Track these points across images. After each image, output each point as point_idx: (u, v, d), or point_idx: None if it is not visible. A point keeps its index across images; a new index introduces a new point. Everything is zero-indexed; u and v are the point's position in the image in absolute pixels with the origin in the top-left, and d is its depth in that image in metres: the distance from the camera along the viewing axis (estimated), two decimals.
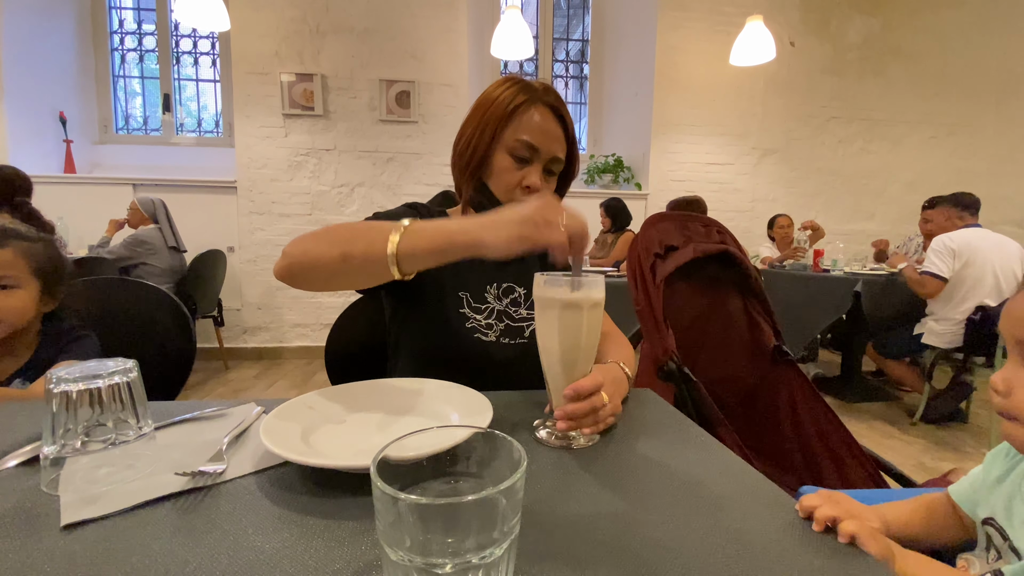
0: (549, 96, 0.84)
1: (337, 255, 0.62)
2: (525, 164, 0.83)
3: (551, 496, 0.47)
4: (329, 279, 0.65)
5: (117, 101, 3.88)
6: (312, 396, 0.64)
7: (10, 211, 2.26)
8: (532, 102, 0.82)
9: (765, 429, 1.27)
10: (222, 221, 3.62)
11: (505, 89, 0.83)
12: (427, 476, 0.34)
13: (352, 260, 0.61)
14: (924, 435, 2.46)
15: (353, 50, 3.58)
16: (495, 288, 0.88)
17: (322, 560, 0.37)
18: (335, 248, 0.62)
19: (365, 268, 0.62)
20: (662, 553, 0.39)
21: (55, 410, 0.46)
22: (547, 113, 0.83)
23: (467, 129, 0.86)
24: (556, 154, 0.84)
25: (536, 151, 0.82)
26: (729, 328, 1.35)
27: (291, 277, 0.66)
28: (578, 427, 0.59)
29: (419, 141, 3.71)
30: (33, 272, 0.93)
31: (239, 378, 3.26)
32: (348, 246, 0.62)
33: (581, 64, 4.42)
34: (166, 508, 0.44)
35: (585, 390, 0.58)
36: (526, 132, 0.82)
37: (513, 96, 0.82)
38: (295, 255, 0.65)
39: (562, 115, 0.85)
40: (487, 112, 0.83)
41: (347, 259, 0.61)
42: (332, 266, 0.63)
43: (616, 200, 3.47)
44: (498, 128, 0.82)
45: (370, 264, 0.60)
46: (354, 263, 0.61)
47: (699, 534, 0.42)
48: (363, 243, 0.61)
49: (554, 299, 0.59)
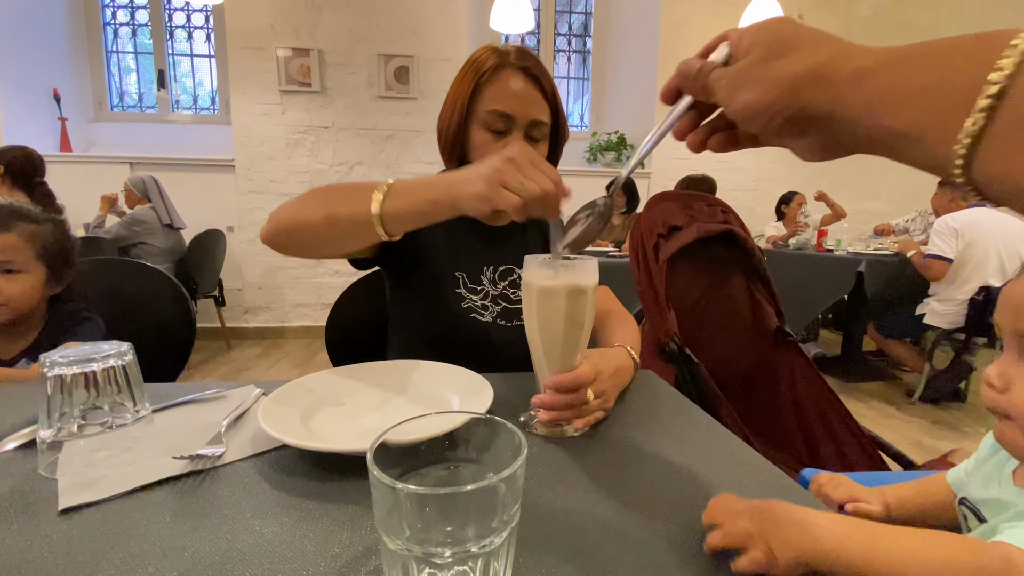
0: (519, 58, 0.79)
1: (322, 217, 0.61)
2: (503, 135, 0.79)
3: (550, 482, 0.47)
4: (315, 241, 0.64)
5: (111, 78, 3.81)
6: (311, 379, 0.63)
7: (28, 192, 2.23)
8: (500, 68, 0.78)
9: (766, 410, 1.27)
10: (220, 200, 3.58)
11: (474, 60, 0.80)
12: (426, 462, 0.33)
13: (337, 221, 0.60)
14: (923, 414, 2.48)
15: (350, 24, 3.49)
16: (491, 271, 0.87)
17: (321, 544, 0.37)
18: (320, 210, 0.61)
19: (350, 229, 0.60)
20: (663, 538, 0.39)
21: (50, 393, 0.45)
22: (518, 76, 0.78)
23: (443, 109, 0.83)
24: (535, 117, 0.79)
25: (511, 119, 0.78)
26: (731, 309, 1.34)
27: (277, 241, 0.65)
28: (559, 419, 0.56)
29: (418, 118, 3.65)
30: (39, 256, 0.91)
31: (241, 358, 3.28)
32: (333, 207, 0.61)
33: (584, 38, 4.32)
34: (164, 491, 0.43)
35: (565, 385, 0.54)
36: (496, 102, 0.78)
37: (480, 66, 0.78)
38: (281, 219, 0.64)
39: (536, 75, 0.80)
40: (457, 88, 0.80)
41: (332, 221, 0.60)
42: (317, 228, 0.62)
43: (631, 178, 3.44)
44: (469, 103, 0.79)
45: (355, 225, 0.59)
46: (339, 224, 0.60)
47: (699, 517, 0.41)
48: (348, 204, 0.60)
49: (533, 284, 0.55)
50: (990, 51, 0.20)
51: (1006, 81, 0.19)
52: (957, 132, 0.21)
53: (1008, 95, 0.19)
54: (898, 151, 0.25)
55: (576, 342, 0.56)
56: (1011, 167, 0.20)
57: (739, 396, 1.30)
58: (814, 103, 0.27)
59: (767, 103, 0.28)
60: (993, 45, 0.20)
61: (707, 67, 0.33)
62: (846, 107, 0.26)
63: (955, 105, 0.21)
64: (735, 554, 0.36)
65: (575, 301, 0.54)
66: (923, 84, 0.23)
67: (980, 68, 0.20)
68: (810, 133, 0.29)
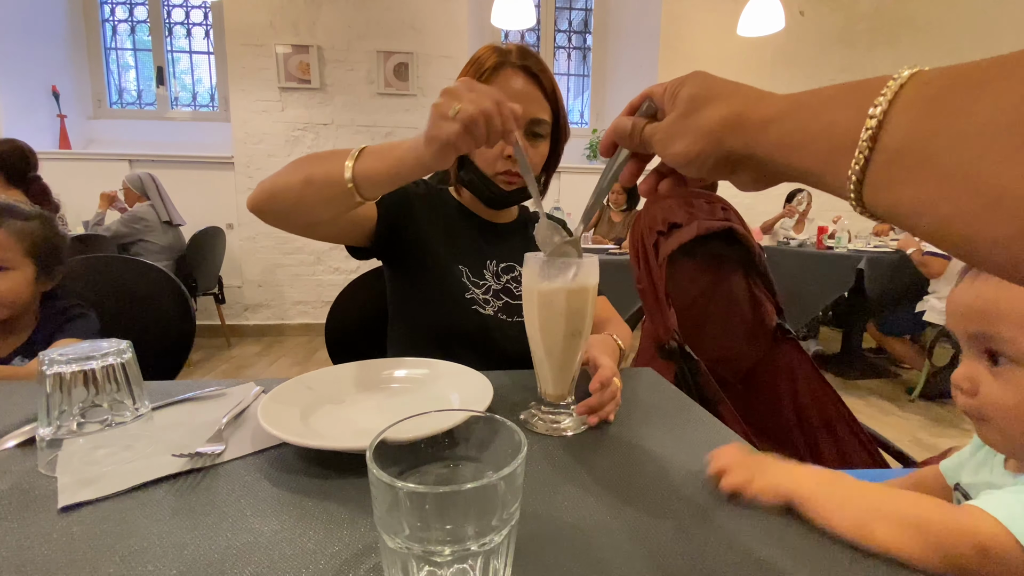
0: (519, 57, 0.80)
1: (300, 179, 0.63)
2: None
3: (550, 480, 0.47)
4: (295, 207, 0.65)
5: (110, 74, 3.79)
6: (311, 376, 0.63)
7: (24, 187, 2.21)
8: (501, 67, 0.79)
9: (765, 407, 1.28)
10: (220, 197, 3.58)
11: (475, 59, 0.81)
12: (426, 459, 0.33)
13: (313, 183, 0.62)
14: (922, 412, 2.48)
15: (349, 20, 3.48)
16: (493, 265, 0.87)
17: (321, 542, 0.37)
18: (299, 172, 0.63)
19: (326, 191, 0.62)
20: (663, 536, 0.39)
21: (49, 391, 0.45)
22: (518, 75, 0.80)
23: None
24: (536, 115, 0.81)
25: None
26: (731, 306, 1.34)
27: (259, 207, 0.66)
28: (605, 416, 0.58)
29: (418, 115, 3.64)
30: (28, 253, 0.91)
31: (241, 355, 3.28)
32: (311, 170, 0.63)
33: (584, 35, 4.30)
34: (164, 489, 0.43)
35: (608, 379, 0.57)
36: None
37: (481, 65, 0.80)
38: (264, 185, 0.66)
39: (536, 73, 0.81)
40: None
41: (309, 182, 0.62)
42: (296, 191, 0.63)
43: None
44: None
45: (330, 187, 0.61)
46: (315, 185, 0.62)
47: (699, 515, 0.41)
48: (324, 167, 0.62)
49: (533, 282, 0.55)
50: (867, 97, 0.23)
51: (877, 126, 0.22)
52: (846, 171, 0.24)
53: (880, 137, 0.22)
54: (813, 184, 0.28)
55: (577, 341, 0.56)
56: (895, 199, 0.23)
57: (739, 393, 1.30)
58: (735, 147, 0.31)
59: (696, 151, 0.32)
60: (869, 92, 0.23)
61: (639, 124, 0.38)
62: (760, 150, 0.29)
63: (841, 148, 0.24)
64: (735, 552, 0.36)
65: (576, 299, 0.54)
66: (816, 130, 0.26)
67: (860, 113, 0.23)
68: (739, 171, 0.32)
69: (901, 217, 0.23)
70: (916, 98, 0.22)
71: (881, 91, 0.22)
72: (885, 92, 0.22)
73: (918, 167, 0.21)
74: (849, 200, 0.25)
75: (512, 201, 0.88)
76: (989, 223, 0.19)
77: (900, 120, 0.22)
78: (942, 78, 0.22)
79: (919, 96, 0.22)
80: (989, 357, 0.50)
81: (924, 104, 0.22)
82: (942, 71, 0.22)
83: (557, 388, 0.58)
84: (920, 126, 0.21)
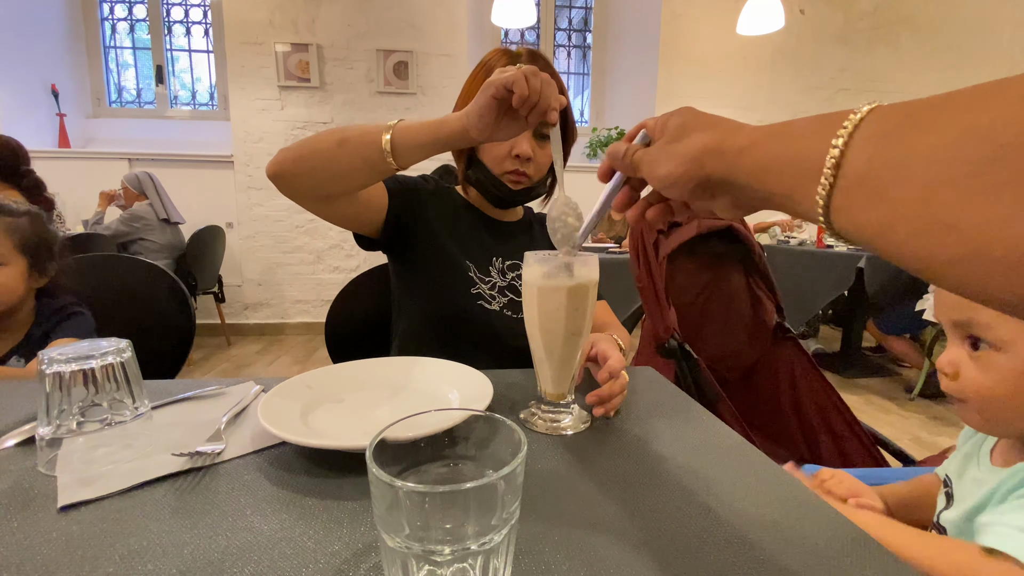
0: (529, 60, 0.82)
1: (335, 140, 0.64)
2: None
3: (550, 479, 0.47)
4: (324, 169, 0.66)
5: (109, 73, 3.79)
6: (311, 375, 0.63)
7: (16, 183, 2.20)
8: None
9: (765, 405, 1.28)
10: (220, 196, 3.57)
11: (485, 62, 0.83)
12: (425, 458, 0.33)
13: (349, 143, 0.64)
14: (921, 410, 2.48)
15: (349, 18, 3.47)
16: (499, 262, 0.88)
17: (321, 541, 0.37)
18: (332, 136, 0.65)
19: (361, 151, 0.63)
20: (662, 534, 0.39)
21: (48, 390, 0.45)
22: None
23: (454, 109, 0.85)
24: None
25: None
26: (731, 305, 1.34)
27: (284, 169, 0.67)
28: (616, 406, 0.59)
29: (418, 114, 3.63)
30: (18, 249, 0.91)
31: (242, 354, 3.28)
32: (344, 133, 0.65)
33: (584, 33, 4.30)
34: (164, 489, 0.43)
35: (617, 370, 0.59)
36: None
37: (491, 68, 0.81)
38: (292, 148, 0.67)
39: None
40: (469, 89, 0.83)
41: (344, 143, 0.64)
42: (328, 152, 0.65)
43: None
44: None
45: (366, 147, 0.63)
46: (350, 146, 0.64)
47: (698, 514, 0.41)
48: (359, 130, 0.64)
49: (533, 280, 0.55)
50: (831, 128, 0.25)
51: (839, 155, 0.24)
52: (815, 195, 0.26)
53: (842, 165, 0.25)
54: (786, 208, 0.30)
55: (577, 340, 0.56)
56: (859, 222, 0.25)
57: (739, 392, 1.30)
58: (715, 172, 0.33)
59: (679, 174, 0.35)
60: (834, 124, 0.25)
61: (631, 149, 0.41)
62: (738, 174, 0.32)
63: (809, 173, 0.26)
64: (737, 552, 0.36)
65: (576, 298, 0.54)
66: (788, 157, 0.28)
67: (824, 143, 0.25)
68: (719, 196, 0.35)
69: (865, 239, 0.25)
70: (874, 131, 0.24)
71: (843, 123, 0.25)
72: (847, 125, 0.25)
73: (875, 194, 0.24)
74: (819, 223, 0.27)
75: (518, 201, 0.89)
76: (940, 246, 0.21)
77: (859, 150, 0.24)
78: (897, 114, 0.24)
79: (876, 130, 0.24)
80: (970, 343, 0.55)
81: (880, 137, 0.24)
82: (898, 107, 0.24)
83: (557, 387, 0.58)
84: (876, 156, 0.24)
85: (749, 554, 0.37)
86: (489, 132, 0.61)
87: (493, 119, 0.59)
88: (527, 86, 0.56)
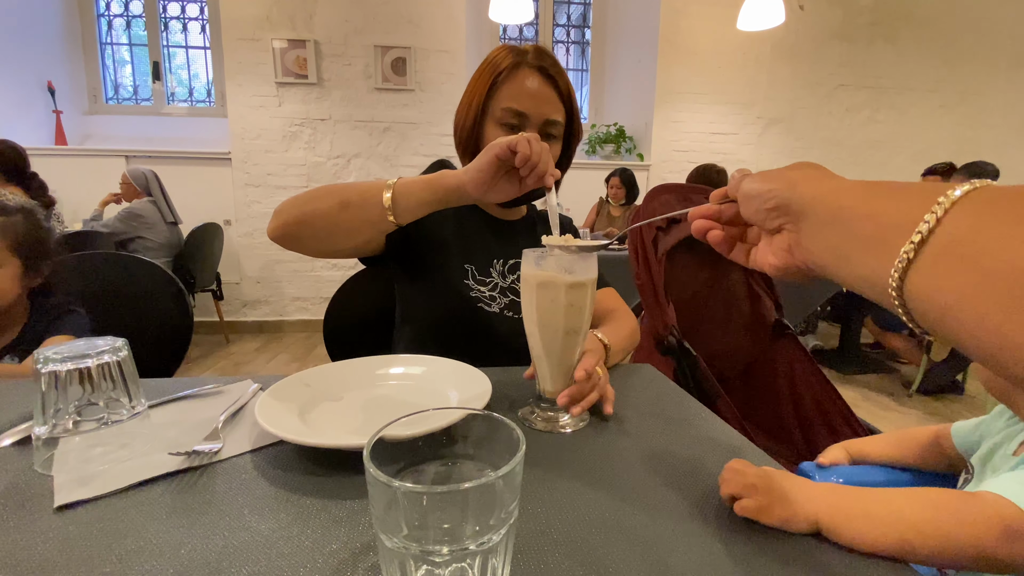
0: (536, 58, 0.81)
1: (335, 204, 0.65)
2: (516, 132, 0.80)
3: (549, 478, 0.47)
4: (327, 230, 0.67)
5: (106, 69, 3.76)
6: (309, 373, 0.63)
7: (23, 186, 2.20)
8: (517, 67, 0.80)
9: (764, 402, 1.28)
10: (217, 193, 3.56)
11: (492, 59, 0.82)
12: (424, 457, 0.33)
13: (350, 207, 0.65)
14: (920, 406, 2.49)
15: (346, 14, 3.45)
16: (500, 264, 0.88)
17: (319, 540, 0.36)
18: (332, 198, 0.65)
19: (363, 214, 0.65)
20: (662, 532, 0.39)
21: (44, 389, 0.45)
22: (535, 75, 0.80)
23: (460, 106, 0.85)
24: (550, 116, 0.81)
25: (525, 117, 0.80)
26: (730, 302, 1.34)
27: (288, 232, 0.67)
28: (589, 405, 0.58)
29: (416, 110, 3.62)
30: (11, 249, 0.90)
31: (240, 351, 3.28)
32: (343, 195, 0.65)
33: (583, 29, 4.28)
34: (161, 488, 0.43)
35: (591, 366, 0.58)
36: (512, 99, 0.80)
37: (497, 65, 0.80)
38: (291, 211, 0.66)
39: (552, 75, 0.81)
40: (475, 86, 0.82)
41: (346, 206, 0.65)
42: (330, 214, 0.65)
43: (630, 170, 3.44)
44: (485, 101, 0.81)
45: (367, 209, 0.64)
46: (352, 210, 0.65)
47: (697, 513, 0.41)
48: (357, 191, 0.65)
49: (531, 276, 0.55)
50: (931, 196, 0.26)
51: (934, 222, 0.25)
52: (899, 249, 0.26)
53: (935, 231, 0.25)
54: (851, 260, 0.30)
55: (575, 338, 0.56)
56: (936, 287, 0.25)
57: (737, 389, 1.30)
58: (801, 197, 0.33)
59: (767, 188, 0.35)
60: (936, 192, 0.25)
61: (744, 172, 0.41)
62: (820, 209, 0.32)
63: (901, 227, 0.26)
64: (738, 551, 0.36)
65: (574, 296, 0.54)
66: (883, 206, 0.28)
67: (923, 205, 0.25)
68: (785, 229, 0.35)
69: (938, 307, 0.25)
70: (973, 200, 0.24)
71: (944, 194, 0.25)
72: (947, 196, 0.25)
73: (967, 259, 0.23)
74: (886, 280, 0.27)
75: (521, 200, 0.88)
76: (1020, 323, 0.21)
77: (958, 215, 0.24)
78: (998, 189, 0.24)
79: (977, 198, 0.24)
80: None
81: (981, 205, 0.24)
82: (1001, 187, 0.25)
83: (556, 385, 0.58)
84: (974, 222, 0.24)
85: (749, 552, 0.37)
86: (485, 189, 0.63)
87: (491, 177, 0.62)
88: (530, 148, 0.59)
